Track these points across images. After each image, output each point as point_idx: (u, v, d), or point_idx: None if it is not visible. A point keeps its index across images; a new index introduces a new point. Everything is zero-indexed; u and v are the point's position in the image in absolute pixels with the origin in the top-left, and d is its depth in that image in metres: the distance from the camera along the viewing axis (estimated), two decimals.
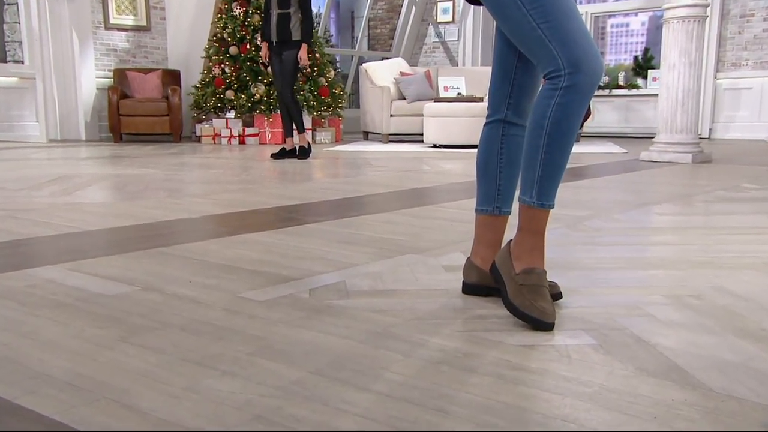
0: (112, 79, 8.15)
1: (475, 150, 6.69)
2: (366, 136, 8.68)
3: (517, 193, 1.40)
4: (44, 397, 0.94)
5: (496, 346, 1.16)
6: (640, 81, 9.21)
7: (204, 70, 8.30)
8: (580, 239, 2.12)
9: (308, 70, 7.80)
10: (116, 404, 0.92)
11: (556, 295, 1.40)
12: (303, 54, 5.32)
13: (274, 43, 5.43)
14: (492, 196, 1.48)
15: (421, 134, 7.49)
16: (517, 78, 1.42)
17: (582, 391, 0.97)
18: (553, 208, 1.32)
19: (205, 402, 0.93)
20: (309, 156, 5.61)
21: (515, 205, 1.44)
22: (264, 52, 5.49)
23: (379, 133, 8.12)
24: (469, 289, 1.49)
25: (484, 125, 1.49)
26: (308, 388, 0.97)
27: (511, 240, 1.40)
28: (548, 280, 1.46)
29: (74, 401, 0.93)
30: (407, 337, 1.20)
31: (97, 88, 8.20)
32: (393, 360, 1.09)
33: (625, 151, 6.57)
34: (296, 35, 5.35)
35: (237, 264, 1.76)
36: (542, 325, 1.24)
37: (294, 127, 5.67)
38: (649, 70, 9.11)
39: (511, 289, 1.32)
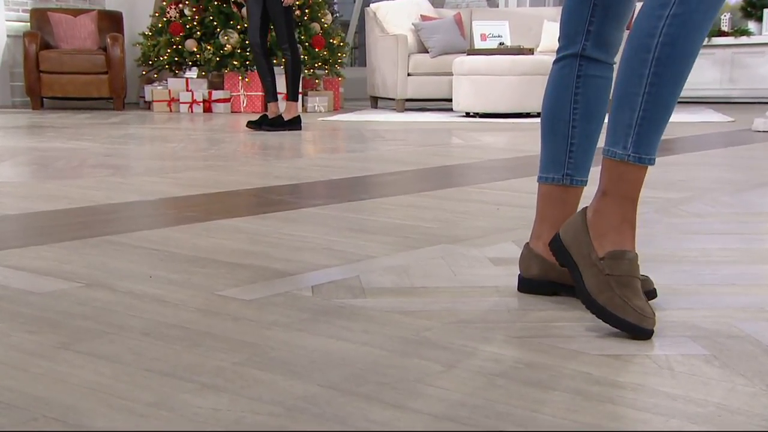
0: (28, 23, 8.20)
1: (525, 120, 6.73)
2: (374, 102, 8.71)
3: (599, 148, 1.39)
4: None
5: (568, 355, 1.17)
6: (751, 25, 9.17)
7: (155, 12, 8.36)
8: (676, 227, 2.12)
9: (297, 12, 7.81)
10: (60, 424, 0.93)
11: (649, 293, 1.40)
12: None
13: None
14: (561, 160, 1.49)
15: (450, 99, 7.51)
16: None
17: (693, 411, 0.98)
18: (653, 164, 1.31)
19: (180, 421, 0.94)
20: (298, 129, 5.62)
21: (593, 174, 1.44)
22: None
23: (393, 99, 8.14)
24: (527, 285, 1.49)
25: (554, 62, 1.49)
26: (319, 405, 0.98)
27: (585, 207, 1.38)
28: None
29: (2, 421, 0.94)
30: (448, 344, 1.21)
31: (8, 35, 8.26)
32: (431, 371, 1.10)
33: (731, 119, 6.55)
34: None
35: (211, 255, 1.78)
36: (640, 332, 1.23)
37: (280, 89, 5.69)
38: (765, 10, 9.06)
39: (593, 280, 1.30)
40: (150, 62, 8.06)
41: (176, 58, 7.86)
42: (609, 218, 1.33)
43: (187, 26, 7.76)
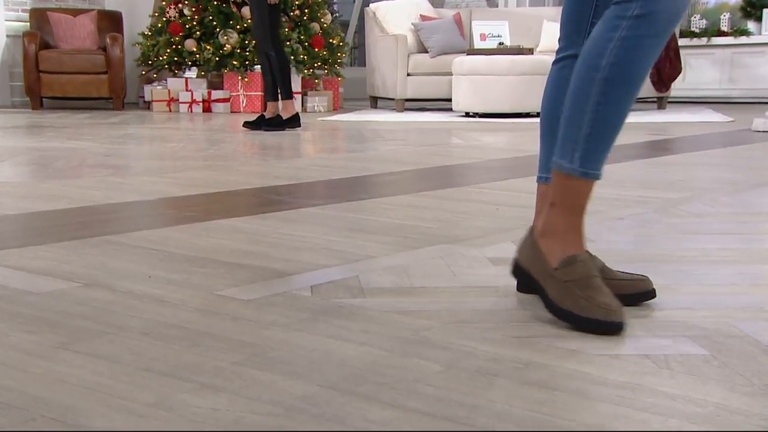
0: (28, 23, 8.20)
1: (524, 120, 6.73)
2: (374, 102, 8.71)
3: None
4: None
5: (568, 355, 1.17)
6: (751, 25, 9.17)
7: (155, 12, 8.35)
8: (675, 227, 2.13)
9: (296, 12, 7.82)
10: (59, 424, 0.93)
11: (648, 293, 1.41)
12: None
13: None
14: None
15: (449, 99, 7.51)
16: None
17: (692, 411, 0.98)
18: (599, 179, 1.35)
19: (179, 421, 0.94)
20: (297, 126, 5.62)
21: None
22: None
23: (392, 99, 8.15)
24: (527, 286, 1.49)
25: (554, 63, 1.49)
26: (318, 405, 0.98)
27: (532, 227, 1.43)
28: (638, 273, 1.47)
29: (1, 422, 0.94)
30: (447, 343, 1.21)
31: (8, 35, 8.26)
32: (429, 371, 1.10)
33: (730, 119, 6.55)
34: None
35: (211, 255, 1.78)
36: (610, 327, 1.25)
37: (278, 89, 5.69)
38: (764, 10, 9.06)
39: (555, 290, 1.33)
40: (149, 62, 8.06)
41: (176, 58, 7.86)
42: (557, 229, 1.36)
43: (187, 26, 7.76)
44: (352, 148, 4.42)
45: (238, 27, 7.62)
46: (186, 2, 7.81)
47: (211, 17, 7.71)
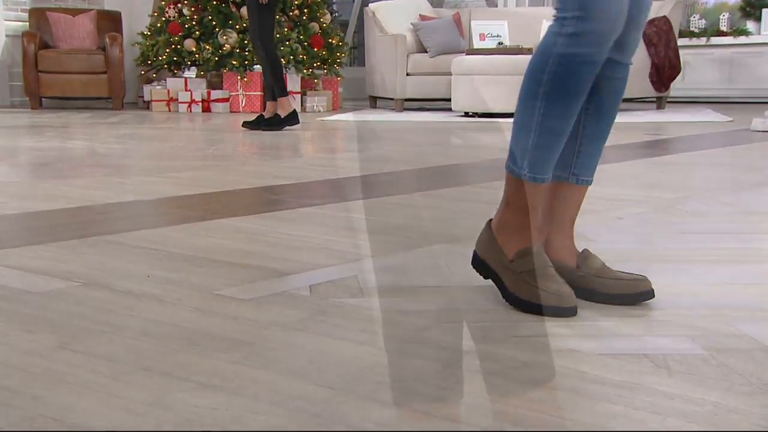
0: (27, 23, 8.21)
1: None
2: (373, 102, 8.72)
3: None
4: None
5: (566, 354, 1.17)
6: (750, 25, 9.19)
7: (154, 12, 8.35)
8: (673, 226, 2.13)
9: (295, 12, 7.82)
10: (58, 423, 0.93)
11: (647, 293, 1.41)
12: None
13: None
14: (569, 160, 1.48)
15: (449, 99, 7.51)
16: None
17: (691, 410, 0.98)
18: (547, 182, 1.40)
19: (178, 420, 0.94)
20: (295, 123, 5.61)
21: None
22: None
23: (392, 99, 8.15)
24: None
25: None
26: (316, 404, 0.98)
27: (490, 220, 1.48)
28: (637, 273, 1.47)
29: (0, 422, 0.94)
30: (445, 343, 1.21)
31: (7, 35, 8.26)
32: (429, 371, 1.10)
33: (729, 119, 6.56)
34: None
35: (210, 255, 1.78)
36: (563, 312, 1.34)
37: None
38: (763, 10, 9.07)
39: (510, 280, 1.41)
40: (149, 62, 8.06)
41: (175, 58, 7.86)
42: (511, 225, 1.43)
43: (186, 26, 7.76)
44: (351, 148, 4.43)
45: (237, 27, 7.62)
46: (185, 2, 7.81)
47: (210, 17, 7.71)
